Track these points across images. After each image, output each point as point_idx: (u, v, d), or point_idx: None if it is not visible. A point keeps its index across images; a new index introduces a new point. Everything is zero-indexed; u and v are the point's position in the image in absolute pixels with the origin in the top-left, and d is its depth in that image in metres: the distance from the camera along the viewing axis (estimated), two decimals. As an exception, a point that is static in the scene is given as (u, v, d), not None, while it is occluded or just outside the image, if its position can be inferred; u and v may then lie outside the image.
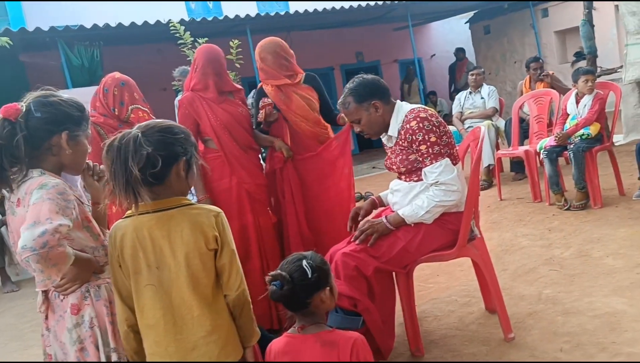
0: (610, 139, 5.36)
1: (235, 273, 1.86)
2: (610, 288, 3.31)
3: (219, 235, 1.82)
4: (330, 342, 1.93)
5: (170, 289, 1.81)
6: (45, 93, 1.95)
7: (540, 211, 5.27)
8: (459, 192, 2.74)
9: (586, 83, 5.15)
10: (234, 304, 1.88)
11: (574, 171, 5.04)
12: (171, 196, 1.83)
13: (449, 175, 2.71)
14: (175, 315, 1.81)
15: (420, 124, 2.73)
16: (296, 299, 1.93)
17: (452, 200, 2.73)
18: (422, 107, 2.85)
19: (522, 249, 4.32)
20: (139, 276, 1.82)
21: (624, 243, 4.00)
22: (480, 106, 7.17)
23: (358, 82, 2.90)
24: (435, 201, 2.72)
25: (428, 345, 3.00)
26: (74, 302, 1.89)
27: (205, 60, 3.33)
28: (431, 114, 2.79)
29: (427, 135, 2.72)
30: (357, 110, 2.87)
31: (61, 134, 1.90)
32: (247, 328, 1.93)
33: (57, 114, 1.91)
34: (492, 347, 2.88)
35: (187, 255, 1.79)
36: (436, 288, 3.87)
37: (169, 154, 1.78)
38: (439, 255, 2.85)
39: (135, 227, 1.81)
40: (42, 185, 1.78)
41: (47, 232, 1.63)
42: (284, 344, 1.98)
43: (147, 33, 9.02)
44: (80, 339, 1.88)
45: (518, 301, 3.36)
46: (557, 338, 2.83)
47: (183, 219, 1.80)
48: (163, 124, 1.84)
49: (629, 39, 6.66)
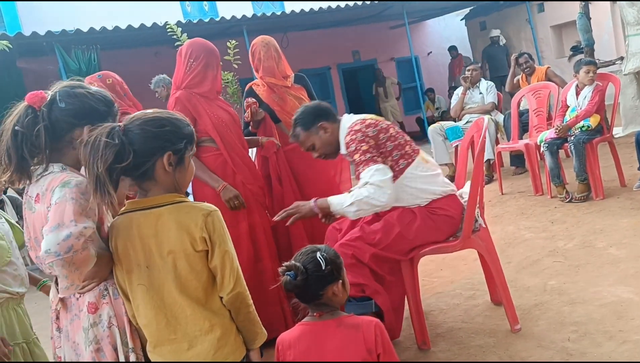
0: (610, 131, 5.36)
1: (228, 275, 1.76)
2: (615, 277, 3.30)
3: (208, 236, 1.73)
4: (353, 325, 1.94)
5: (162, 288, 1.74)
6: (74, 83, 1.88)
7: (542, 204, 5.26)
8: (387, 194, 2.70)
9: (587, 73, 5.15)
10: (229, 306, 1.81)
11: (575, 163, 5.04)
12: (162, 192, 1.76)
13: (379, 177, 2.70)
14: (168, 315, 1.75)
15: (352, 136, 2.80)
16: (310, 290, 1.93)
17: (381, 201, 2.70)
18: (361, 120, 2.88)
19: (525, 241, 4.32)
20: (131, 275, 1.77)
21: (627, 233, 4.00)
22: (478, 101, 7.17)
23: (301, 111, 2.97)
24: (362, 197, 2.69)
25: (434, 339, 3.00)
26: (92, 301, 1.81)
27: (206, 52, 3.21)
28: (368, 124, 2.83)
29: (358, 145, 2.77)
30: (308, 136, 2.93)
31: (83, 128, 1.82)
32: (247, 330, 1.86)
33: (81, 107, 1.83)
34: (499, 338, 2.87)
35: (174, 256, 1.72)
36: (441, 282, 3.87)
37: (148, 147, 1.71)
38: (444, 247, 2.85)
39: (126, 225, 1.76)
40: (64, 183, 1.71)
41: (71, 236, 1.57)
42: (299, 333, 1.97)
43: (144, 36, 9.01)
44: (96, 339, 1.80)
45: (523, 292, 3.36)
46: (564, 328, 2.83)
47: (170, 219, 1.73)
48: (147, 116, 1.76)
49: (629, 30, 6.67)
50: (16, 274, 2.45)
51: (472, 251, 3.32)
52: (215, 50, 3.29)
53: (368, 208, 2.72)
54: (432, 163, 2.97)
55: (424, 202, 2.86)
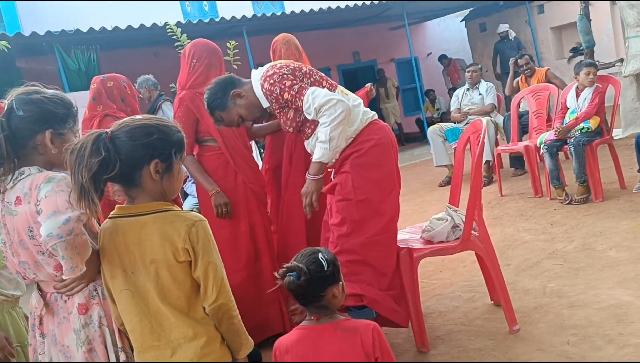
0: (610, 133, 5.35)
1: (211, 286, 1.74)
2: (615, 280, 3.29)
3: (191, 247, 1.71)
4: (351, 328, 1.94)
5: (146, 295, 1.73)
6: (29, 90, 1.88)
7: (541, 206, 5.26)
8: (341, 101, 2.71)
9: (587, 75, 5.14)
10: (212, 316, 1.78)
11: (575, 164, 5.03)
12: (148, 199, 1.74)
13: (320, 97, 2.70)
14: (152, 322, 1.74)
15: (270, 80, 2.78)
16: (312, 291, 1.93)
17: (341, 111, 2.69)
18: (271, 65, 2.88)
19: (524, 244, 4.31)
20: (114, 281, 1.76)
21: (627, 235, 3.99)
22: (478, 102, 7.17)
23: (208, 96, 2.91)
24: (329, 125, 2.69)
25: (434, 341, 2.98)
26: (82, 302, 1.83)
27: (209, 52, 3.25)
28: (280, 66, 2.83)
29: (281, 84, 2.76)
30: (229, 113, 2.90)
31: (45, 133, 1.83)
32: (231, 340, 1.83)
33: (40, 112, 1.83)
34: (498, 341, 2.86)
35: (156, 265, 1.71)
36: (440, 284, 3.86)
37: (134, 156, 1.68)
38: (444, 249, 2.85)
39: (112, 230, 1.75)
40: (49, 179, 1.73)
41: (71, 219, 1.59)
42: (296, 336, 1.96)
43: (144, 36, 9.01)
44: (88, 340, 1.82)
45: (523, 295, 3.35)
46: (564, 331, 2.82)
47: (154, 228, 1.71)
48: (135, 123, 1.73)
49: (629, 32, 6.67)
50: (11, 277, 2.46)
51: (471, 253, 3.31)
52: (217, 50, 3.32)
53: (341, 128, 2.72)
54: (352, 96, 2.95)
55: (350, 139, 2.85)
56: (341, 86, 3.02)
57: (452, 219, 2.91)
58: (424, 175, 8.04)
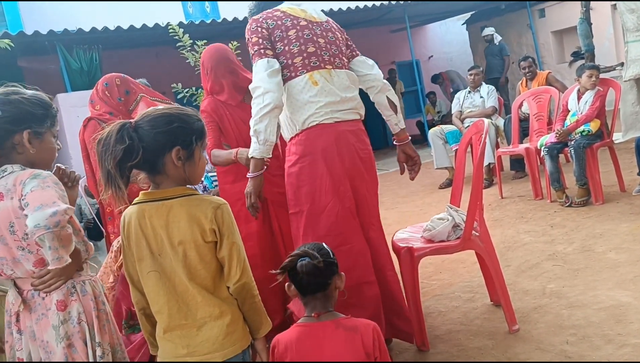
0: (611, 136, 5.37)
1: (235, 266, 1.84)
2: (615, 281, 3.30)
3: (217, 227, 1.80)
4: (351, 327, 1.96)
5: (173, 276, 1.81)
6: (7, 90, 1.90)
7: (541, 208, 5.27)
8: (270, 93, 2.51)
9: (590, 78, 5.16)
10: (235, 295, 1.87)
11: (575, 167, 5.04)
12: (172, 185, 1.82)
13: (257, 76, 2.55)
14: (179, 302, 1.82)
15: (248, 25, 2.68)
16: (323, 275, 1.96)
17: (268, 104, 2.50)
18: (268, 11, 2.73)
19: (524, 245, 4.32)
20: (142, 263, 1.83)
21: (626, 237, 4.01)
22: (479, 105, 7.19)
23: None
24: (254, 116, 2.53)
25: (433, 340, 2.99)
26: (60, 299, 1.86)
27: (215, 62, 3.11)
28: (268, 12, 2.70)
29: (251, 36, 2.64)
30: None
31: (22, 133, 1.86)
32: (252, 319, 1.92)
33: (17, 113, 1.86)
34: (498, 340, 2.87)
35: (184, 246, 1.79)
36: (439, 284, 3.87)
37: (157, 144, 1.77)
38: (444, 248, 2.86)
39: (138, 215, 1.82)
40: (35, 175, 1.77)
41: (57, 213, 1.62)
42: (297, 333, 1.97)
43: (146, 36, 9.02)
44: (67, 335, 1.85)
45: (522, 296, 3.36)
46: (563, 331, 2.83)
47: (181, 211, 1.79)
48: (157, 112, 1.82)
49: (629, 37, 6.69)
50: None
51: (471, 254, 3.33)
52: (227, 54, 3.19)
53: (262, 123, 2.53)
54: (321, 87, 2.64)
55: (288, 140, 2.74)
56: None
57: (453, 219, 2.92)
58: (424, 177, 8.03)
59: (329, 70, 2.68)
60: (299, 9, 2.76)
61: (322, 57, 2.67)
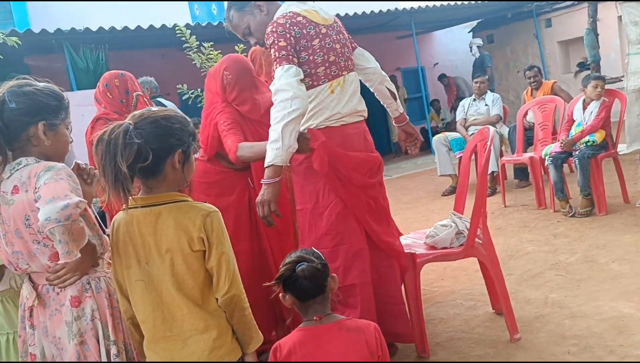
0: (615, 147, 5.36)
1: (224, 277, 1.76)
2: (617, 292, 3.29)
3: (206, 236, 1.73)
4: (354, 328, 1.95)
5: (160, 286, 1.75)
6: (20, 82, 1.90)
7: (545, 218, 5.26)
8: (299, 98, 2.42)
9: (595, 88, 5.16)
10: (224, 307, 1.80)
11: (579, 177, 5.03)
12: (166, 190, 1.78)
13: (284, 80, 2.45)
14: (164, 312, 1.76)
15: (272, 27, 2.54)
16: (321, 278, 1.94)
17: (295, 109, 2.40)
18: (292, 13, 2.61)
19: (527, 254, 4.31)
20: (129, 271, 1.78)
21: (629, 249, 3.99)
22: (484, 113, 7.18)
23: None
24: (280, 120, 2.40)
25: (434, 348, 2.98)
26: (74, 295, 1.83)
27: (239, 74, 2.97)
28: (295, 22, 2.56)
29: (277, 39, 2.50)
30: (242, 17, 2.73)
31: (37, 125, 1.84)
32: (242, 333, 1.85)
33: (32, 104, 1.85)
34: (499, 349, 2.86)
35: (171, 254, 1.73)
36: (441, 291, 3.85)
37: (162, 146, 1.72)
38: (447, 254, 2.85)
39: (127, 221, 1.77)
40: (49, 168, 1.75)
41: (69, 206, 1.59)
42: (301, 337, 1.95)
43: (152, 37, 9.05)
44: (80, 332, 1.82)
45: (524, 304, 3.34)
46: (565, 340, 2.82)
47: (169, 218, 1.74)
48: (157, 114, 1.76)
49: (631, 49, 6.67)
50: None
51: (473, 261, 3.32)
52: (250, 68, 3.10)
53: (293, 125, 2.43)
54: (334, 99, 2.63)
55: None
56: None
57: (456, 226, 2.91)
58: (427, 184, 8.05)
59: (344, 76, 2.69)
60: (314, 11, 2.70)
61: (339, 65, 2.67)
